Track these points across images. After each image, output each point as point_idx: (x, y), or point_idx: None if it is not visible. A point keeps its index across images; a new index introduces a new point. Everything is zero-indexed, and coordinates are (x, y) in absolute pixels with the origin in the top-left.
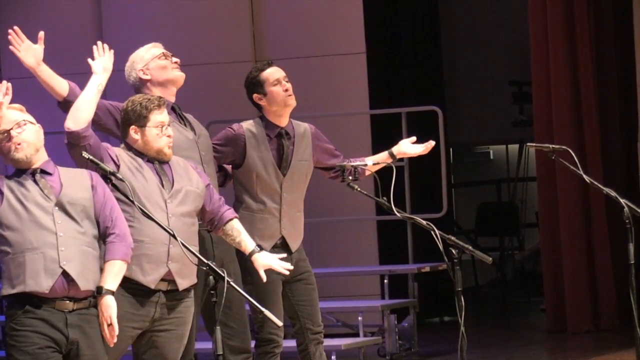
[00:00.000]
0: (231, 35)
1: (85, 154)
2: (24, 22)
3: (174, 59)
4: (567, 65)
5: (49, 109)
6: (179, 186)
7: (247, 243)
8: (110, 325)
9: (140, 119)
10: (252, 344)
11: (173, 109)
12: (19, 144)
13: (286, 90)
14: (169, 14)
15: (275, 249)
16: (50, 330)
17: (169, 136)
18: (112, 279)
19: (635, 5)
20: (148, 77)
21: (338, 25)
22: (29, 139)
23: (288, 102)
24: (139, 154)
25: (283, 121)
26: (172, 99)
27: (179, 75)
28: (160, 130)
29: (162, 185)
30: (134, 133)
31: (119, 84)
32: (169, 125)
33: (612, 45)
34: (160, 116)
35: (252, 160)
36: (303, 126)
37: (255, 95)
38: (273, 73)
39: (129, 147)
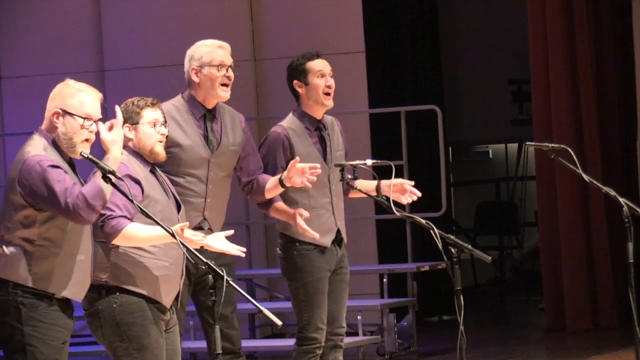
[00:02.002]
0: (230, 35)
1: (84, 153)
2: (24, 21)
3: (229, 73)
4: (566, 64)
5: None
6: (181, 204)
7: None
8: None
9: (133, 116)
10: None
11: (204, 117)
12: (87, 141)
13: (328, 87)
14: (168, 13)
15: (332, 244)
16: (67, 322)
17: (162, 134)
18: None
19: (635, 5)
20: (197, 81)
21: (337, 25)
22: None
23: (324, 102)
24: (140, 157)
25: (320, 113)
26: (209, 106)
27: (222, 96)
28: (153, 127)
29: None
30: (127, 131)
31: (119, 84)
32: (162, 124)
33: (612, 44)
34: (153, 113)
35: (300, 156)
36: (329, 118)
37: (295, 82)
38: (320, 65)
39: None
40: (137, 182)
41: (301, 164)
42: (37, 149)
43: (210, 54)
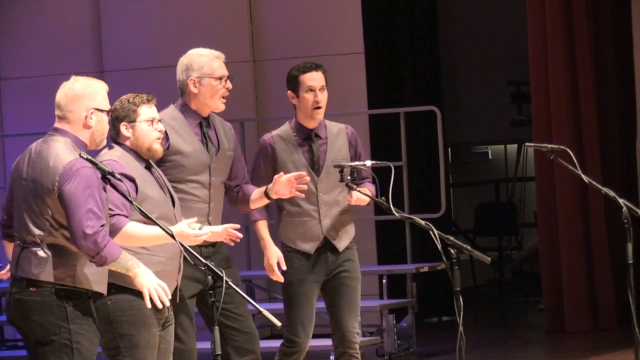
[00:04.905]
0: (229, 35)
1: (83, 154)
2: (23, 22)
3: (229, 85)
4: (565, 64)
5: (48, 109)
6: (176, 200)
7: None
8: None
9: (129, 114)
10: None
11: (200, 125)
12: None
13: (316, 102)
14: (167, 14)
15: (319, 250)
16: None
17: (160, 131)
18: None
19: (634, 5)
20: (195, 92)
21: (336, 25)
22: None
23: (314, 115)
24: (135, 154)
25: (312, 124)
26: (204, 115)
27: (220, 108)
28: (151, 125)
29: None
30: (125, 130)
31: (119, 86)
32: (159, 121)
33: (611, 45)
34: (149, 110)
35: (284, 163)
36: (338, 127)
37: (289, 92)
38: (310, 79)
39: (115, 147)
40: (132, 180)
41: (286, 175)
42: (70, 150)
43: (210, 64)
